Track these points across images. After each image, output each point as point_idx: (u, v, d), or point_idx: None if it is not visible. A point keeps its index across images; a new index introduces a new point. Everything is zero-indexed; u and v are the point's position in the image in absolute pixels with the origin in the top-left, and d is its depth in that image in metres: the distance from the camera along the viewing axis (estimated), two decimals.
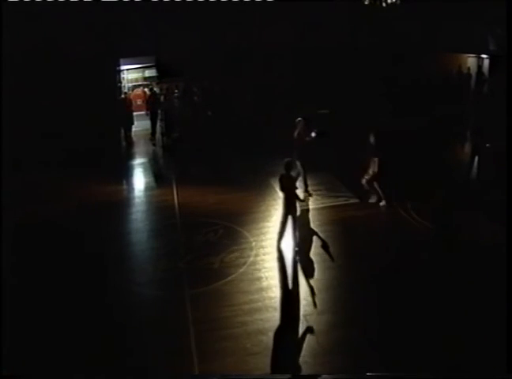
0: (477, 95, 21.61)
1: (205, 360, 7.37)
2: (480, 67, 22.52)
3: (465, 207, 11.17)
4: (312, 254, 10.14)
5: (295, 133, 12.71)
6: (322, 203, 12.63)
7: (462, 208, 10.87)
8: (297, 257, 10.00)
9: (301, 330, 8.00)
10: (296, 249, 10.17)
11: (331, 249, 10.28)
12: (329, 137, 13.53)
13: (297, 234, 10.24)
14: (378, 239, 10.64)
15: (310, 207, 12.44)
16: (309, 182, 13.04)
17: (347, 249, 10.30)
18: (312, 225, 11.43)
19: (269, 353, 7.54)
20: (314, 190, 13.23)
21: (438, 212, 9.32)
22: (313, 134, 12.49)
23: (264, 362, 7.34)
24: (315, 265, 9.77)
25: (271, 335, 7.87)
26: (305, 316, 8.30)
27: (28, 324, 8.22)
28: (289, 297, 8.91)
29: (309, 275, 9.45)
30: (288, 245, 10.19)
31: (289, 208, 10.02)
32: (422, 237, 10.49)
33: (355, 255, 10.03)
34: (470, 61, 22.81)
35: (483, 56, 22.12)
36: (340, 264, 9.72)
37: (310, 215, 12.01)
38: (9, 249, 9.45)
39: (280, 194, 10.37)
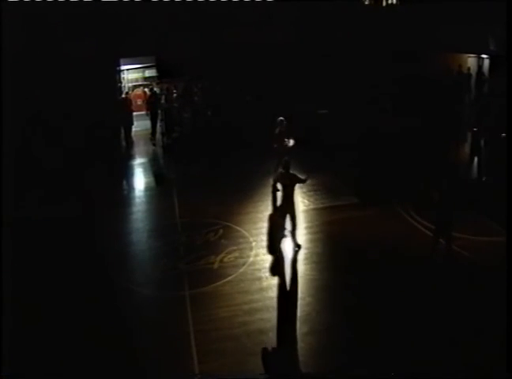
0: (477, 95, 21.63)
1: (205, 360, 7.38)
2: (480, 67, 22.50)
3: (465, 207, 11.18)
4: (310, 254, 10.16)
5: (276, 131, 12.88)
6: (322, 203, 12.64)
7: (462, 207, 10.88)
8: (296, 257, 10.01)
9: (300, 330, 8.01)
10: (296, 248, 10.18)
11: (330, 249, 10.31)
12: (309, 144, 13.86)
13: (296, 233, 10.25)
14: (376, 240, 10.61)
15: (310, 207, 12.44)
16: (309, 182, 13.05)
17: (345, 250, 10.29)
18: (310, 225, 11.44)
19: (269, 353, 7.56)
20: (314, 190, 13.24)
21: (438, 212, 9.42)
22: (291, 142, 12.56)
23: (264, 362, 7.35)
24: (313, 265, 9.78)
25: (271, 335, 7.87)
26: (304, 316, 8.31)
27: (27, 325, 8.22)
28: (288, 297, 8.90)
29: (307, 275, 9.47)
30: (288, 245, 10.18)
31: (288, 206, 10.02)
32: (422, 238, 10.48)
33: (352, 255, 10.02)
34: (470, 61, 22.79)
35: (483, 56, 22.10)
36: (337, 265, 9.74)
37: (310, 215, 12.02)
38: (9, 248, 9.43)
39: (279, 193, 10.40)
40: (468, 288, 8.72)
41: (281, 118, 13.02)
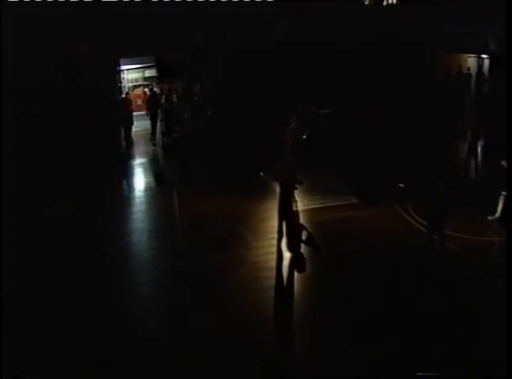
0: (477, 95, 21.66)
1: (205, 359, 7.38)
2: (480, 67, 22.51)
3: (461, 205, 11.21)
4: (310, 254, 10.17)
5: (289, 128, 13.50)
6: (322, 203, 12.64)
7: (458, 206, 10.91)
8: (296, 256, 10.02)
9: (301, 330, 8.02)
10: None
11: (330, 249, 10.31)
12: (315, 139, 14.21)
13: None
14: (376, 240, 10.61)
15: (310, 207, 12.44)
16: (309, 181, 13.09)
17: (345, 250, 10.29)
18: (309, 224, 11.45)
19: (269, 353, 7.57)
20: (314, 190, 13.25)
21: (431, 209, 9.53)
22: (304, 136, 13.34)
23: (263, 363, 7.36)
24: (313, 265, 9.79)
25: (270, 335, 7.88)
26: (306, 316, 8.31)
27: (28, 325, 8.23)
28: (288, 297, 8.92)
29: (308, 274, 9.49)
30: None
31: (286, 205, 10.03)
32: (421, 238, 10.48)
33: (352, 255, 10.02)
34: (470, 61, 22.81)
35: (483, 56, 22.12)
36: (337, 265, 9.74)
37: (309, 214, 12.01)
38: (9, 249, 9.45)
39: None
40: (467, 288, 8.74)
41: (295, 116, 13.80)
